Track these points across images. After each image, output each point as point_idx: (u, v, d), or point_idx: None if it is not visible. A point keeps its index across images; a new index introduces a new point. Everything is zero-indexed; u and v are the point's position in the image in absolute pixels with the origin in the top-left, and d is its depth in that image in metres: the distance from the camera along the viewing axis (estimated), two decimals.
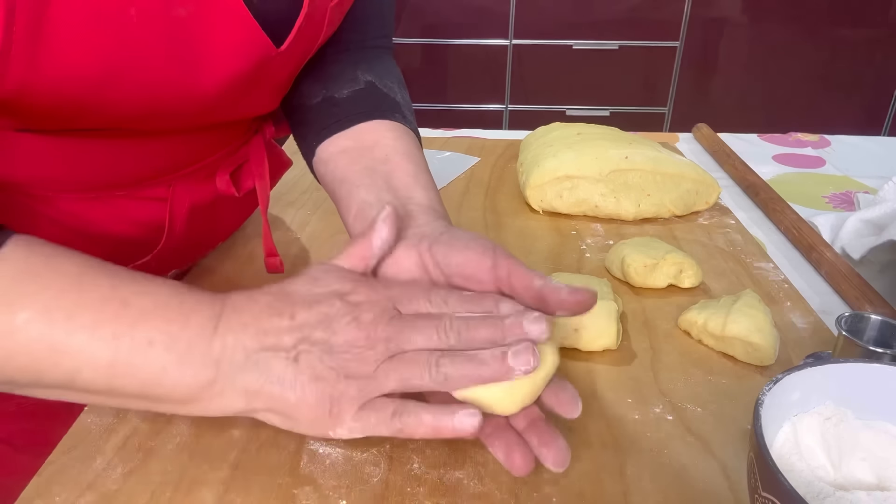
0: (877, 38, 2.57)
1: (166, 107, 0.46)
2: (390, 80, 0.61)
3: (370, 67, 0.60)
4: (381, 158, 0.53)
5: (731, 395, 0.49)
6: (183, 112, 0.48)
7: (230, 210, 0.66)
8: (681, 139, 1.13)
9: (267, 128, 0.64)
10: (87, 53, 0.39)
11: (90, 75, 0.40)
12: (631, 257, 0.63)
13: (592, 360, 0.53)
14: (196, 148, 0.57)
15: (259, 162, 0.62)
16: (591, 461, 0.43)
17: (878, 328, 0.48)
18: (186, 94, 0.46)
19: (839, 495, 0.33)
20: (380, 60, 0.62)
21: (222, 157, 0.60)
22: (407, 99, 0.61)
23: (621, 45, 2.61)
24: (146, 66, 0.42)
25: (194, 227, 0.60)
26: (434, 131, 1.14)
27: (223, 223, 0.68)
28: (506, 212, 0.80)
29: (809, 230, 0.75)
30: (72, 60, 0.39)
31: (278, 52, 0.48)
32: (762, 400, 0.34)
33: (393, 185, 0.51)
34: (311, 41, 0.53)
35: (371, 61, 0.61)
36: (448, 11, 2.58)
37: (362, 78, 0.59)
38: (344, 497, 0.40)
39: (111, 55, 0.40)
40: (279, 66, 0.51)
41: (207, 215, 0.62)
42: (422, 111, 2.72)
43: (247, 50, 0.46)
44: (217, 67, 0.45)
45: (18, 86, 0.39)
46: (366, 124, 0.56)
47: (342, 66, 0.59)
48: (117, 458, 0.43)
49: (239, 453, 0.43)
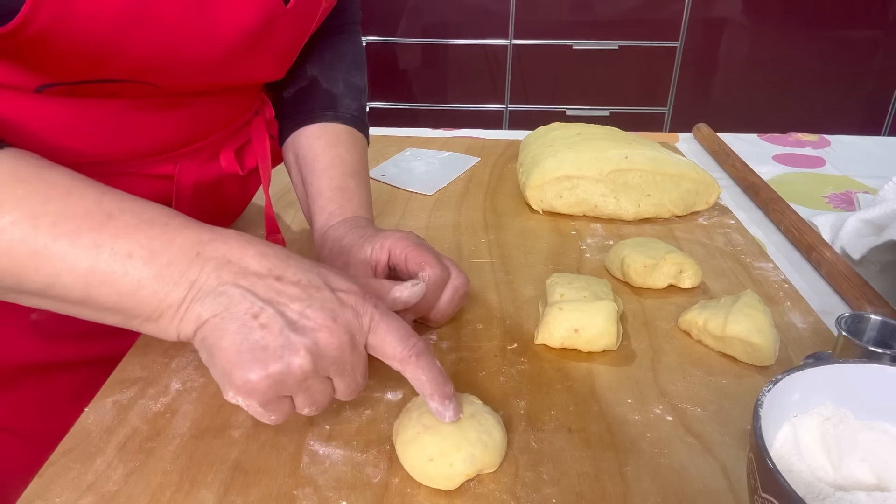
0: (877, 38, 2.57)
1: (181, 56, 0.48)
2: (338, 68, 0.67)
3: (321, 58, 0.67)
4: (308, 176, 0.63)
5: (731, 395, 0.49)
6: (196, 63, 0.49)
7: (233, 191, 0.68)
8: (681, 139, 1.13)
9: (267, 109, 0.66)
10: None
11: (115, 11, 0.41)
12: (631, 257, 0.63)
13: (592, 360, 0.53)
14: (202, 121, 0.58)
15: (261, 141, 0.65)
16: (591, 461, 0.43)
17: (877, 328, 0.48)
18: (200, 45, 0.48)
19: (839, 496, 0.33)
20: (337, 44, 0.68)
21: (226, 135, 0.62)
22: (353, 81, 0.68)
23: (621, 45, 2.60)
24: (166, 9, 0.44)
25: (199, 206, 0.61)
26: (434, 131, 1.14)
27: (226, 205, 0.70)
28: (506, 212, 0.80)
29: (809, 230, 0.75)
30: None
31: (286, 9, 0.52)
32: (762, 400, 0.34)
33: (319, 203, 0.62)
34: (313, 5, 0.56)
35: (326, 48, 0.67)
36: (448, 11, 2.58)
37: (308, 73, 0.67)
38: (344, 498, 0.40)
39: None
40: (283, 29, 0.54)
41: (212, 195, 0.64)
42: (422, 111, 2.73)
43: (258, 4, 0.49)
44: (230, 18, 0.48)
45: (51, 19, 0.40)
46: (301, 132, 0.65)
47: (296, 61, 0.65)
48: (117, 459, 0.43)
49: (239, 454, 0.43)
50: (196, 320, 0.38)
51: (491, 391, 0.49)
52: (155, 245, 0.38)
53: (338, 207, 0.60)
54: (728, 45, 2.62)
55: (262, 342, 0.37)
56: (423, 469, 0.40)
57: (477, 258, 0.69)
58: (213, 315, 0.37)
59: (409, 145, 1.03)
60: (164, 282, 0.37)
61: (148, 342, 0.54)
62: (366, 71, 0.71)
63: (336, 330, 0.39)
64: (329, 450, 0.44)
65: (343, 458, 0.43)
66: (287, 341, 0.37)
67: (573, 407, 0.48)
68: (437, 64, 2.68)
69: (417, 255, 0.53)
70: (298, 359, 0.38)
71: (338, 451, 0.44)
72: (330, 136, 0.64)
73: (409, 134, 1.11)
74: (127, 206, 0.39)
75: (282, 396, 0.39)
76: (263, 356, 0.37)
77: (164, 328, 0.39)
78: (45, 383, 0.58)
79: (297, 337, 0.38)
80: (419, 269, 0.53)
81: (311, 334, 0.38)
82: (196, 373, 0.51)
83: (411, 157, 0.98)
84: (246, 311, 0.37)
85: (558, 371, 0.52)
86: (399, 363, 0.41)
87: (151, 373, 0.51)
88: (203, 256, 0.38)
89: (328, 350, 0.39)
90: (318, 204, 0.61)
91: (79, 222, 0.37)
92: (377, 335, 0.41)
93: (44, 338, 0.56)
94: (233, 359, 0.37)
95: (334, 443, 0.44)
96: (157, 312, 0.38)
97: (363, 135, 0.68)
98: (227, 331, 0.37)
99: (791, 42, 2.58)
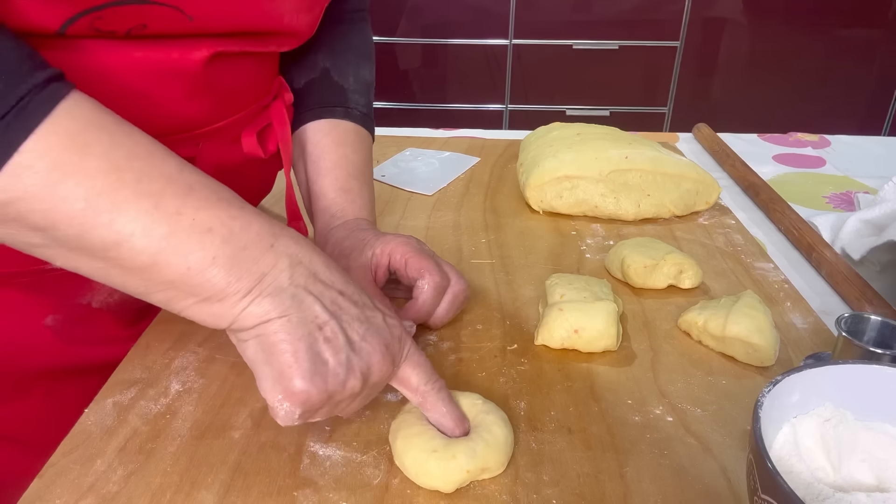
0: (877, 38, 2.57)
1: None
2: (347, 60, 0.67)
3: (331, 49, 0.67)
4: (312, 174, 0.64)
5: (731, 395, 0.49)
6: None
7: (254, 176, 0.68)
8: (681, 139, 1.13)
9: (286, 93, 0.66)
10: None
11: None
12: (631, 258, 0.63)
13: (592, 361, 0.53)
14: (224, 94, 0.56)
15: (281, 125, 0.64)
16: (591, 462, 0.43)
17: (878, 329, 0.48)
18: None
19: (839, 497, 0.33)
20: (347, 34, 0.68)
21: (247, 116, 0.61)
22: (363, 75, 0.68)
23: (621, 45, 2.60)
24: None
25: None
26: (434, 131, 1.14)
27: (247, 190, 0.68)
28: (506, 212, 0.80)
29: (809, 230, 0.75)
30: None
31: None
32: (761, 401, 0.34)
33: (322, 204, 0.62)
34: None
35: (336, 38, 0.67)
36: (448, 11, 2.58)
37: (320, 64, 0.67)
38: (344, 499, 0.40)
39: None
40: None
41: (233, 179, 0.61)
42: (422, 111, 2.73)
43: None
44: None
45: None
46: (309, 126, 0.65)
47: (307, 51, 0.66)
48: (118, 460, 0.43)
49: (239, 455, 0.43)
50: (262, 315, 0.37)
51: (491, 392, 0.49)
52: (235, 225, 0.37)
53: (340, 209, 0.61)
54: (728, 44, 2.62)
55: (324, 356, 0.37)
56: (424, 463, 0.40)
57: (477, 258, 0.69)
58: (281, 315, 0.37)
59: (409, 145, 1.03)
60: (237, 265, 0.36)
61: (148, 343, 0.54)
62: (374, 64, 0.72)
63: (386, 358, 0.40)
64: (329, 451, 0.44)
65: (343, 459, 0.43)
66: (347, 360, 0.38)
67: (573, 408, 0.48)
68: (437, 64, 2.68)
69: (417, 261, 0.53)
70: (354, 380, 0.38)
71: (338, 452, 0.44)
72: (338, 133, 0.65)
73: (409, 134, 1.11)
74: (205, 181, 0.38)
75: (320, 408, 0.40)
76: (324, 370, 0.37)
77: (219, 313, 0.37)
78: (55, 392, 0.57)
79: (356, 358, 0.39)
80: (418, 276, 0.53)
81: (366, 358, 0.39)
82: (196, 374, 0.51)
83: (411, 157, 0.98)
84: (313, 319, 0.38)
85: (558, 372, 0.52)
86: (421, 396, 0.43)
87: (152, 374, 0.51)
88: (276, 250, 0.38)
89: (376, 376, 0.40)
90: (321, 204, 0.62)
91: (162, 185, 0.35)
92: (408, 366, 0.42)
93: (58, 342, 0.55)
94: (293, 365, 0.37)
95: (334, 444, 0.44)
96: (221, 295, 0.36)
97: (369, 132, 0.68)
98: (294, 335, 0.37)
99: (791, 42, 2.58)
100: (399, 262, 0.54)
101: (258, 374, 0.38)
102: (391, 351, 0.41)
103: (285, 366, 0.37)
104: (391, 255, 0.54)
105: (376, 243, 0.55)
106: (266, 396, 0.38)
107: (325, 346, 0.38)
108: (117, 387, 0.49)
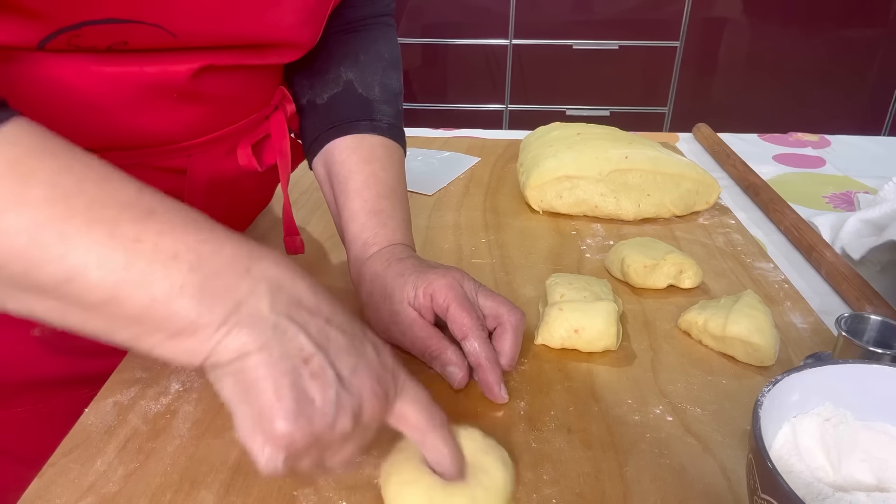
0: (877, 38, 2.57)
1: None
2: (374, 70, 0.64)
3: (356, 60, 0.64)
4: (340, 196, 0.60)
5: (731, 395, 0.49)
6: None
7: (249, 191, 0.65)
8: (681, 139, 1.13)
9: (287, 104, 0.63)
10: None
11: None
12: (631, 258, 0.63)
13: (592, 360, 0.53)
14: (219, 103, 0.55)
15: (280, 137, 0.61)
16: (591, 462, 0.43)
17: (877, 329, 0.48)
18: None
19: (838, 496, 0.33)
20: (371, 41, 0.65)
21: (243, 128, 0.58)
22: (390, 84, 0.65)
23: (621, 45, 2.60)
24: None
25: (212, 205, 0.57)
26: (434, 131, 1.14)
27: (242, 205, 0.66)
28: (506, 212, 0.80)
29: (809, 230, 0.75)
30: None
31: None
32: (761, 401, 0.34)
33: None
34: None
35: (361, 49, 0.64)
36: (448, 11, 2.58)
37: (343, 77, 0.63)
38: (344, 499, 0.40)
39: None
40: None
41: (227, 194, 0.60)
42: (422, 111, 2.73)
43: None
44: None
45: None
46: (334, 144, 0.61)
47: (329, 62, 0.64)
48: (117, 459, 0.43)
49: (239, 454, 0.43)
50: (240, 348, 0.32)
51: None
52: (204, 250, 0.33)
53: (372, 235, 0.56)
54: (728, 44, 2.62)
55: (310, 393, 0.33)
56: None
57: (477, 258, 0.69)
58: (261, 348, 0.32)
59: (409, 145, 1.02)
60: (209, 294, 0.32)
61: None
62: (401, 70, 0.68)
63: (379, 395, 0.36)
64: None
65: None
66: (337, 399, 0.33)
67: (573, 407, 0.48)
68: (437, 64, 2.68)
69: (458, 314, 0.49)
70: (344, 419, 0.34)
71: None
72: (365, 150, 0.60)
73: (409, 134, 1.10)
74: (169, 204, 0.34)
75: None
76: (310, 410, 0.33)
77: (192, 349, 0.32)
78: (43, 402, 0.56)
79: (346, 396, 0.34)
80: (460, 335, 0.49)
81: (357, 396, 0.35)
82: (196, 374, 0.51)
83: (411, 156, 0.98)
84: (298, 352, 0.33)
85: (558, 371, 0.52)
86: (420, 434, 0.38)
87: (152, 373, 0.51)
88: (253, 275, 0.33)
89: (367, 414, 0.35)
90: (352, 231, 0.58)
91: (118, 211, 0.31)
92: (404, 402, 0.38)
93: (45, 353, 0.54)
94: (275, 404, 0.32)
95: None
96: (193, 328, 0.32)
97: (399, 145, 0.64)
98: (276, 370, 0.32)
99: (791, 42, 2.58)
100: (441, 307, 0.50)
101: (236, 416, 0.33)
102: (384, 385, 0.36)
103: (266, 405, 0.32)
104: (433, 299, 0.50)
105: (418, 282, 0.51)
106: (244, 441, 0.33)
107: (311, 383, 0.33)
108: (117, 386, 0.49)
